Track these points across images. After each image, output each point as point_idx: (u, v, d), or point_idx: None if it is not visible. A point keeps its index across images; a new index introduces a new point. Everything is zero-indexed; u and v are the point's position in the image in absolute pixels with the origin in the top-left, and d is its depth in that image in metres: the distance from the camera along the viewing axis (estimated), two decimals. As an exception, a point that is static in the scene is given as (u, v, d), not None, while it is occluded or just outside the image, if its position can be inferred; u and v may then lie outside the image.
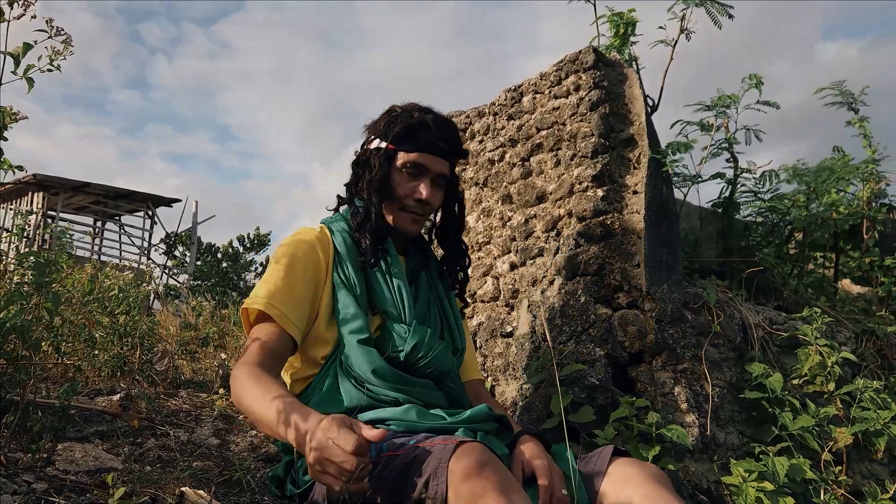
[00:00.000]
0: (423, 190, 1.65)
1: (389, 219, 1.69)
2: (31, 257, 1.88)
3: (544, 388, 2.17)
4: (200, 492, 1.41)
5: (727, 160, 2.98)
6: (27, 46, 1.59)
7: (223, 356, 3.32)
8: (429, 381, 1.61)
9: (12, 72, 1.62)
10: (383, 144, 1.67)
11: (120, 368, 2.53)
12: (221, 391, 2.66)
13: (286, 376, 1.65)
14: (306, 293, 1.56)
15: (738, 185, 3.05)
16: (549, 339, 1.53)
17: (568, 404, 1.99)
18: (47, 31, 1.61)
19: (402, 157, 1.65)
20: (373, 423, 1.45)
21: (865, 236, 3.72)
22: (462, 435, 1.43)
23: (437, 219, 1.84)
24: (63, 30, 1.61)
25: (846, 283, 3.81)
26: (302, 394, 1.58)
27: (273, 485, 1.60)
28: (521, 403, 2.28)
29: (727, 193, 3.04)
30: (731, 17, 2.48)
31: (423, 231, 1.85)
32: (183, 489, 1.40)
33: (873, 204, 3.59)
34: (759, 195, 3.09)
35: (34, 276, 1.81)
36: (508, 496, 1.10)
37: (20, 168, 1.84)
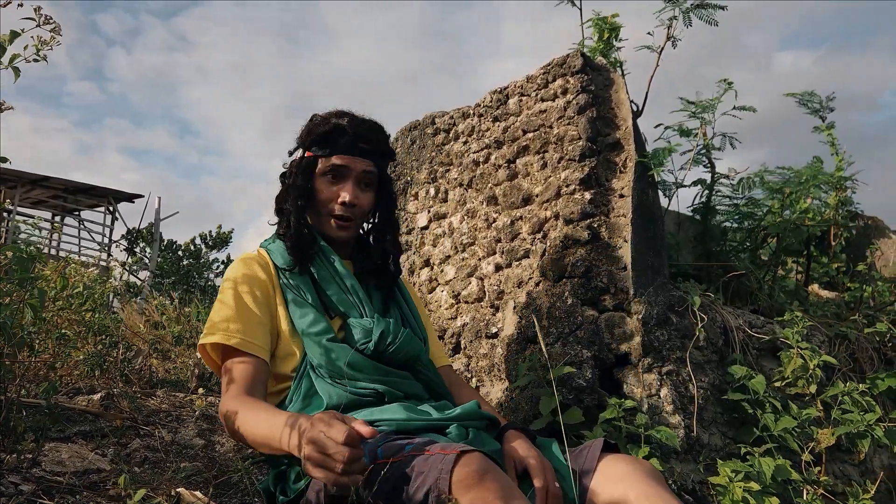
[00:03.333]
0: (346, 193, 1.66)
1: (319, 226, 1.71)
2: (12, 252, 1.82)
3: (531, 389, 2.18)
4: (196, 493, 1.39)
5: (704, 166, 3.03)
6: (14, 34, 1.55)
7: (198, 355, 3.27)
8: (405, 372, 1.63)
9: (-2, 60, 1.57)
10: (301, 152, 1.71)
11: (99, 366, 2.47)
12: (200, 391, 2.62)
13: None
14: (261, 316, 1.57)
15: (715, 191, 3.11)
16: (541, 341, 1.54)
17: (556, 406, 2.00)
18: (35, 20, 1.56)
19: (321, 164, 1.68)
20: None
21: (833, 243, 3.82)
22: (455, 432, 1.44)
23: (373, 220, 1.84)
24: (52, 18, 1.56)
25: (815, 289, 3.91)
26: (279, 406, 1.57)
27: (264, 495, 1.59)
28: (506, 404, 2.29)
29: (704, 198, 3.09)
30: (715, 23, 2.52)
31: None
32: (179, 490, 1.37)
33: (839, 210, 3.69)
34: (735, 201, 3.15)
35: (16, 270, 1.76)
36: None
37: (3, 160, 1.79)
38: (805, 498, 1.91)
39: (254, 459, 1.64)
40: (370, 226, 1.84)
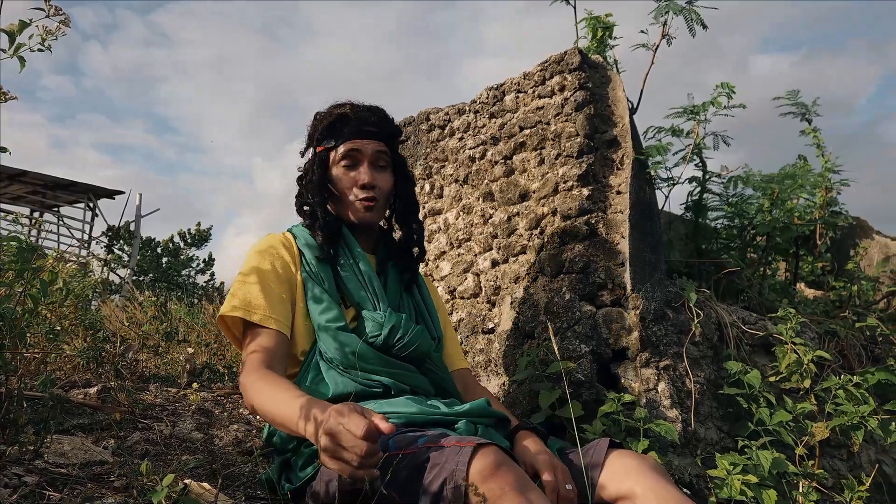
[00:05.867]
0: (364, 175, 1.70)
1: (345, 215, 1.74)
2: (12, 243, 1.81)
3: (529, 383, 2.19)
4: (204, 484, 1.39)
5: (696, 164, 3.06)
6: (23, 24, 1.54)
7: (190, 350, 3.25)
8: (412, 366, 1.64)
9: (2, 49, 1.56)
10: (312, 151, 1.77)
11: (95, 360, 2.45)
12: (194, 385, 2.61)
13: None
14: (281, 292, 1.59)
15: (706, 190, 3.14)
16: (552, 335, 1.57)
17: (555, 400, 2.02)
18: (44, 10, 1.56)
19: (333, 155, 1.72)
20: None
21: (819, 242, 3.87)
22: (464, 427, 1.45)
23: (394, 204, 1.86)
24: (61, 10, 1.56)
25: (801, 287, 3.96)
26: None
27: (266, 487, 1.59)
28: (504, 399, 2.30)
29: (696, 197, 3.12)
30: (705, 26, 2.54)
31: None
32: (186, 481, 1.37)
33: (826, 210, 3.75)
34: (727, 199, 3.18)
35: (15, 263, 1.74)
36: (526, 495, 1.12)
37: (3, 150, 1.77)
38: (800, 490, 1.94)
39: (262, 452, 1.63)
40: (391, 211, 1.86)
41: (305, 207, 1.74)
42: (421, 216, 2.99)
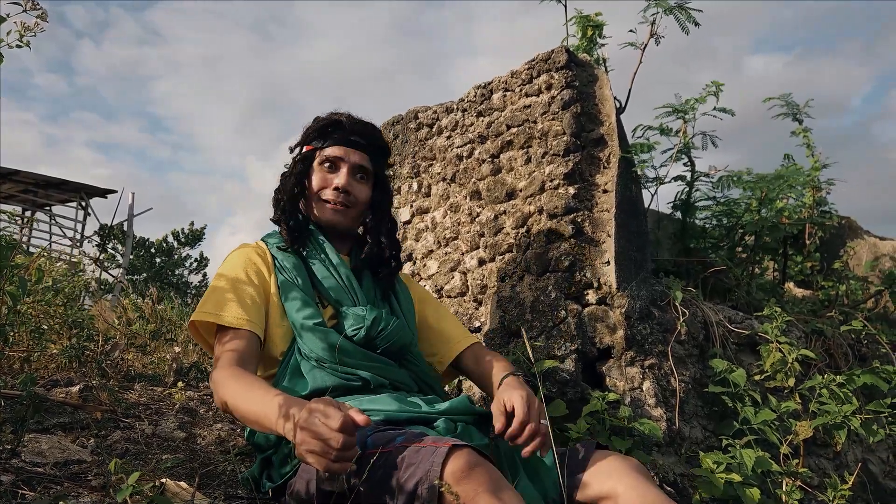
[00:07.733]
0: (341, 179, 1.73)
1: (314, 214, 1.77)
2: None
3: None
4: (182, 483, 1.38)
5: (684, 164, 3.06)
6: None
7: (176, 349, 3.23)
8: (391, 361, 1.66)
9: (-18, 45, 1.55)
10: (300, 148, 1.81)
11: (77, 359, 2.43)
12: (179, 384, 2.59)
13: None
14: (254, 295, 1.61)
15: (695, 189, 3.14)
16: (525, 339, 1.58)
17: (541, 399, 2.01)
18: (20, 4, 1.54)
19: (318, 155, 1.76)
20: None
21: (808, 242, 3.88)
22: (443, 425, 1.45)
23: (369, 218, 1.87)
24: (38, 4, 1.54)
25: (790, 286, 3.97)
26: None
27: (246, 486, 1.60)
28: (489, 399, 2.29)
29: (684, 196, 3.12)
30: (697, 24, 2.54)
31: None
32: (163, 480, 1.36)
33: (815, 210, 3.76)
34: (715, 199, 3.18)
35: (-6, 260, 1.73)
36: (499, 496, 1.13)
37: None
38: (784, 489, 1.93)
39: (240, 450, 1.63)
40: (367, 222, 1.87)
41: (279, 202, 1.77)
42: (409, 215, 2.99)
